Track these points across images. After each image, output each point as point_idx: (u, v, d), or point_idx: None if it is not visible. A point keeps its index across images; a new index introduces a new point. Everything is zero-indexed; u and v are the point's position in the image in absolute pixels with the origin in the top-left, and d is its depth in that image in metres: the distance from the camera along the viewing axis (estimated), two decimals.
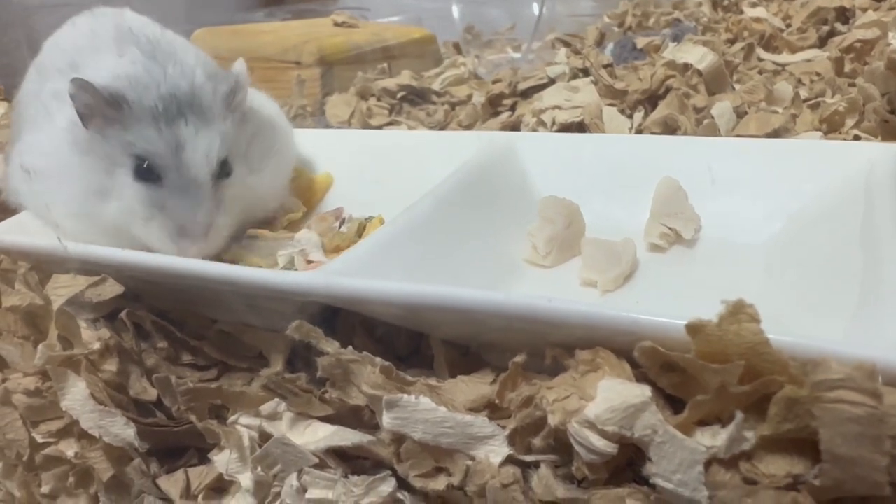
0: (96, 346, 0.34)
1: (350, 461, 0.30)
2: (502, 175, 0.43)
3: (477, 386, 0.29)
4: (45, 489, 0.36)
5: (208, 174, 0.40)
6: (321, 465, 0.30)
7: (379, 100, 0.72)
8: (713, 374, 0.23)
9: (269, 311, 0.35)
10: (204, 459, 0.34)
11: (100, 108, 0.39)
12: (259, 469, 0.31)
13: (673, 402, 0.25)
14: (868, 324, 0.26)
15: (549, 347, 0.28)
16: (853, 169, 0.37)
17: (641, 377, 0.25)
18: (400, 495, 0.29)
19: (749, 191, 0.39)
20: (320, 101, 0.74)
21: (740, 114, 0.55)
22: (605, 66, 0.65)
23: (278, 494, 0.31)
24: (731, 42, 0.80)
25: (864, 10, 0.80)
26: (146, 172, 0.39)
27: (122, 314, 0.36)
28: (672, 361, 0.24)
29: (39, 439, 0.35)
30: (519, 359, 0.28)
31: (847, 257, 0.32)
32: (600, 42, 0.89)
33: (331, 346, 0.29)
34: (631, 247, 0.37)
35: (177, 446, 0.35)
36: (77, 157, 0.40)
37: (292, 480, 0.30)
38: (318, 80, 0.75)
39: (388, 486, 0.29)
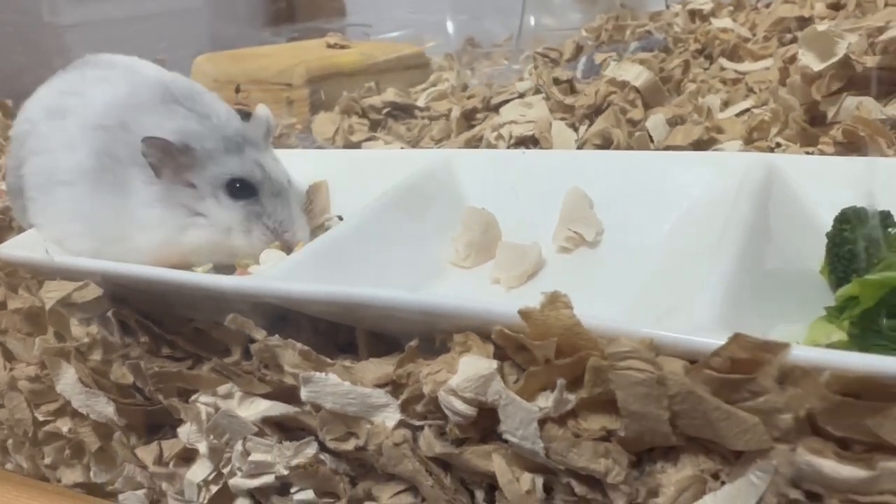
0: (85, 339, 0.41)
1: (287, 430, 0.37)
2: (435, 188, 0.49)
3: (382, 366, 0.35)
4: (47, 461, 0.43)
5: (287, 181, 0.49)
6: (261, 434, 0.36)
7: (361, 117, 0.78)
8: (539, 350, 0.29)
9: (231, 310, 0.41)
10: (176, 435, 0.41)
11: (173, 159, 0.46)
12: (212, 437, 0.37)
13: None
14: (696, 308, 0.32)
15: (437, 333, 0.34)
16: (730, 176, 0.42)
17: (502, 355, 0.31)
18: (322, 456, 0.35)
19: (645, 198, 0.44)
20: (309, 120, 0.81)
21: (677, 124, 0.60)
22: (562, 83, 0.70)
23: (230, 459, 0.38)
24: (700, 52, 0.85)
25: (823, 19, 0.84)
26: (244, 190, 0.47)
27: (109, 313, 0.43)
28: (518, 341, 0.30)
29: (41, 418, 0.42)
30: (413, 343, 0.34)
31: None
32: (577, 55, 0.94)
33: (259, 335, 0.35)
34: (536, 249, 0.43)
35: (154, 424, 0.42)
36: (157, 210, 0.47)
37: (238, 446, 0.37)
38: (307, 99, 0.82)
39: (311, 449, 0.35)
